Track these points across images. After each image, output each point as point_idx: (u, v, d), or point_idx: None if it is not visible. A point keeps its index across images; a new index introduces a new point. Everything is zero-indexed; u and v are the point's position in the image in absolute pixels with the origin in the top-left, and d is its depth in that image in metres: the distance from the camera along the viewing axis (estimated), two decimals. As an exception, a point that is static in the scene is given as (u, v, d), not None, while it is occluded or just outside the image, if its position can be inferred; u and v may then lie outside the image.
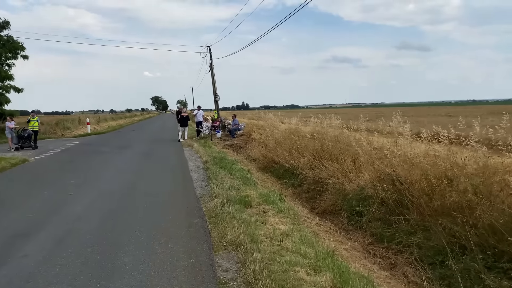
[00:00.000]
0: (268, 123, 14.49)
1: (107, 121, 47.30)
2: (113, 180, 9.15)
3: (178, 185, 8.63)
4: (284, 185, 10.10)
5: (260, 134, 17.79)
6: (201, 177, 9.55)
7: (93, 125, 37.90)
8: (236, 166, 10.94)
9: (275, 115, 15.50)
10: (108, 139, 22.44)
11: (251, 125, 20.18)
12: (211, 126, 20.08)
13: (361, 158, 7.61)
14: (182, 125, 19.29)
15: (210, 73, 27.96)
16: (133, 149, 16.17)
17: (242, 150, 17.70)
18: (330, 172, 8.50)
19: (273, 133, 12.60)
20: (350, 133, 9.52)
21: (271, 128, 13.49)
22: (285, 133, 11.71)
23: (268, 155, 12.17)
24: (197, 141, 18.71)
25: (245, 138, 19.30)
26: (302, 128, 11.41)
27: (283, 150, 11.16)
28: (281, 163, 11.15)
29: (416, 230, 5.49)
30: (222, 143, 18.99)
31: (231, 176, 9.36)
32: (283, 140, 11.55)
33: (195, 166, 11.34)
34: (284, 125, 13.79)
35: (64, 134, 28.15)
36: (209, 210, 6.37)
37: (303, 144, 10.21)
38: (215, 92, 28.04)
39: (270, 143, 12.64)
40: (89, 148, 17.26)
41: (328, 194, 7.99)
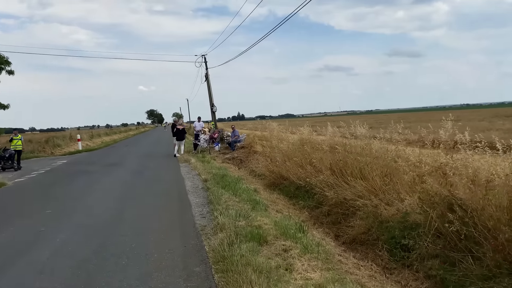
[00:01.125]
0: (273, 134, 13.08)
1: (101, 137, 45.85)
2: (95, 209, 7.69)
3: (174, 213, 7.17)
4: (297, 206, 8.68)
5: (263, 146, 16.41)
6: (201, 201, 8.11)
7: (86, 141, 36.48)
8: (240, 184, 9.51)
9: (280, 124, 14.06)
10: (99, 156, 20.96)
11: (252, 136, 18.77)
12: (209, 138, 18.66)
13: (402, 174, 6.20)
14: (178, 139, 17.85)
15: (206, 83, 26.69)
16: (124, 167, 14.71)
17: (244, 164, 16.27)
18: (357, 191, 7.09)
19: (279, 145, 11.19)
20: (378, 143, 8.14)
21: (276, 139, 12.08)
22: (294, 145, 10.31)
23: (276, 171, 10.75)
24: (194, 155, 17.27)
25: (246, 150, 17.88)
26: (316, 139, 10.01)
27: (294, 165, 9.75)
28: (292, 179, 9.73)
29: (496, 274, 4.07)
30: (222, 156, 17.56)
31: (236, 198, 7.93)
32: (293, 153, 10.14)
33: (193, 186, 9.91)
34: (292, 136, 12.41)
35: (54, 152, 26.66)
36: (213, 250, 4.93)
37: (318, 157, 8.80)
38: (212, 103, 26.72)
39: (277, 156, 11.23)
40: (76, 167, 15.77)
41: (357, 219, 6.56)
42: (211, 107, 26.68)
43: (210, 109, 26.78)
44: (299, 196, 9.09)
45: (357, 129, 8.00)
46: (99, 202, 8.40)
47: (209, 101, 26.89)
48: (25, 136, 46.88)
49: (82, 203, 8.34)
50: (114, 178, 12.02)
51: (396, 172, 6.54)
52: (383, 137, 8.73)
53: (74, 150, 27.04)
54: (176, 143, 17.94)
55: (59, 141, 30.03)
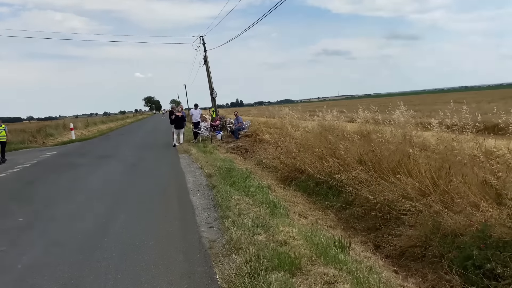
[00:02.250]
0: (285, 121, 11.62)
1: (96, 125, 44.31)
2: (76, 218, 6.28)
3: (174, 222, 5.77)
4: (318, 206, 7.31)
5: (270, 134, 14.98)
6: (207, 203, 6.72)
7: (81, 130, 35.00)
8: (250, 181, 8.11)
9: (293, 109, 12.58)
10: (92, 147, 19.50)
11: (257, 123, 17.33)
12: (210, 126, 17.19)
13: (466, 170, 4.80)
14: (177, 127, 16.37)
15: (205, 66, 25.03)
16: (117, 159, 13.27)
17: (250, 153, 14.85)
18: (400, 190, 5.70)
19: (294, 133, 9.76)
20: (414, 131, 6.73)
21: (290, 127, 10.63)
22: (313, 133, 8.88)
23: (290, 163, 9.34)
24: (195, 145, 15.82)
25: (251, 139, 16.45)
26: (342, 125, 8.57)
27: (313, 156, 8.33)
28: (310, 173, 8.34)
29: None
30: (225, 146, 16.13)
31: (249, 199, 6.52)
32: (311, 142, 8.72)
33: (195, 183, 8.50)
34: (306, 122, 10.97)
35: (46, 142, 25.20)
36: (228, 283, 3.55)
37: (344, 147, 7.38)
38: (212, 88, 25.13)
39: (290, 146, 9.81)
40: (65, 160, 14.34)
41: (406, 227, 5.20)
42: (211, 92, 25.11)
43: (210, 95, 25.21)
44: (320, 193, 7.72)
45: (395, 114, 6.53)
46: (82, 206, 6.98)
47: (208, 86, 25.31)
48: (20, 125, 45.36)
49: (62, 209, 6.93)
50: (105, 173, 10.59)
51: (457, 166, 5.12)
52: (419, 122, 7.33)
53: (67, 140, 25.57)
54: (175, 132, 16.47)
55: (52, 130, 28.54)
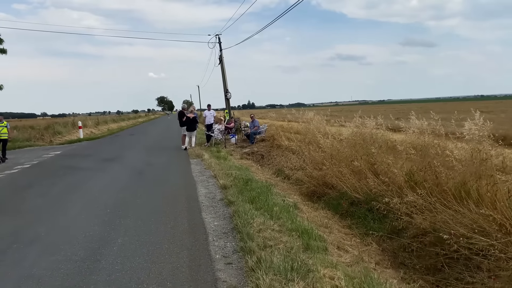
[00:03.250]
0: (310, 126, 10.39)
1: (107, 124, 43.66)
2: (62, 239, 5.14)
3: (182, 253, 4.57)
4: (354, 231, 6.07)
5: (290, 140, 13.76)
6: (222, 225, 5.53)
7: (90, 129, 34.31)
8: (273, 197, 6.92)
9: (318, 113, 11.33)
10: (99, 147, 18.50)
11: (274, 127, 16.12)
12: (224, 129, 16.03)
13: None
14: (188, 129, 15.24)
15: (220, 66, 23.95)
16: (123, 164, 12.18)
17: (266, 160, 13.65)
18: (471, 221, 4.44)
19: (321, 141, 8.51)
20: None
21: (316, 133, 9.38)
22: (348, 142, 7.63)
23: (316, 175, 8.10)
24: (207, 149, 14.68)
25: (268, 144, 15.24)
26: (386, 135, 7.30)
27: (347, 170, 7.09)
28: (343, 189, 7.11)
29: None
30: (239, 151, 14.96)
31: (274, 223, 5.32)
32: (345, 154, 7.47)
33: (208, 196, 7.33)
34: (334, 128, 9.74)
35: (53, 140, 24.37)
36: None
37: (390, 162, 6.13)
38: (226, 89, 24.03)
39: (317, 156, 8.58)
40: (67, 162, 13.30)
41: (485, 275, 3.95)
42: (225, 93, 24.01)
43: (224, 96, 24.12)
44: (356, 215, 6.46)
45: (467, 125, 5.27)
46: (74, 222, 5.85)
47: (223, 86, 24.21)
48: (32, 121, 44.78)
49: (51, 224, 5.81)
50: (107, 180, 9.48)
51: None
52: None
53: (75, 139, 24.73)
54: (186, 134, 15.34)
55: (60, 128, 27.77)
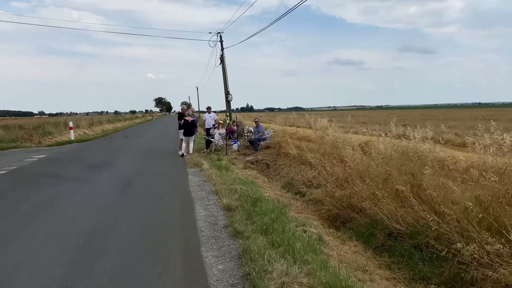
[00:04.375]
0: (325, 135, 8.98)
1: (102, 124, 42.09)
2: (13, 284, 3.72)
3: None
4: (397, 272, 4.66)
5: (299, 149, 12.36)
6: (229, 270, 4.11)
7: (84, 129, 32.79)
8: (291, 225, 5.51)
9: (331, 120, 9.96)
10: (88, 150, 17.03)
11: (281, 133, 14.72)
12: (225, 134, 14.61)
13: None
14: (186, 134, 13.82)
15: (221, 67, 22.58)
16: (111, 172, 10.73)
17: (273, 170, 12.26)
18: None
19: (352, 156, 7.08)
20: None
21: (334, 143, 7.98)
22: (385, 158, 6.22)
23: (340, 196, 6.69)
24: (206, 156, 13.25)
25: (274, 152, 13.85)
26: (434, 151, 5.87)
27: (384, 192, 5.68)
28: (376, 215, 5.71)
29: None
30: (242, 158, 13.54)
31: (300, 270, 3.92)
32: (379, 171, 6.07)
33: (209, 221, 5.91)
34: (357, 138, 8.35)
35: (42, 141, 22.83)
36: None
37: (446, 190, 4.73)
38: (227, 90, 22.64)
39: (338, 171, 7.16)
40: (49, 168, 11.85)
41: None
42: (226, 95, 22.63)
43: (225, 98, 22.73)
44: (397, 251, 5.05)
45: None
46: (30, 261, 4.39)
47: (223, 88, 22.84)
48: (27, 120, 43.15)
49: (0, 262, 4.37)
50: (88, 194, 8.02)
51: None
52: None
53: (65, 140, 23.23)
54: (184, 139, 13.92)
55: (51, 128, 26.22)
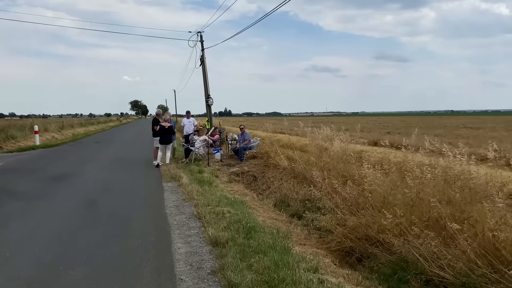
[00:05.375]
0: (333, 147, 7.68)
1: (73, 128, 39.72)
2: None
3: None
4: None
5: (291, 160, 11.07)
6: None
7: (52, 133, 30.61)
8: (300, 270, 4.16)
9: (333, 128, 8.68)
10: (52, 158, 15.21)
11: (269, 141, 13.40)
12: (206, 142, 13.15)
13: None
14: (163, 141, 12.30)
15: (201, 68, 21.09)
16: (73, 186, 9.12)
17: (260, 184, 10.95)
18: None
19: (373, 175, 5.75)
20: None
21: (343, 157, 6.69)
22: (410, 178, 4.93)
23: (354, 224, 5.39)
24: (185, 167, 11.76)
25: (261, 162, 12.50)
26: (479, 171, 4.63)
27: (420, 224, 4.41)
28: (406, 253, 4.45)
29: None
30: (226, 170, 12.12)
31: None
32: (408, 198, 4.79)
33: (192, 264, 4.48)
34: (372, 149, 7.10)
35: (3, 146, 20.76)
36: None
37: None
38: (208, 94, 21.16)
39: (351, 192, 5.86)
40: (1, 180, 10.11)
41: None
42: (206, 99, 21.15)
43: (205, 102, 21.25)
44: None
45: None
46: None
47: (204, 91, 21.35)
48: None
49: None
50: (36, 220, 6.41)
51: None
52: None
53: (30, 145, 21.21)
54: (160, 148, 12.39)
55: (15, 132, 24.07)
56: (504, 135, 23.72)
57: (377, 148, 11.96)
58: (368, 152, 7.61)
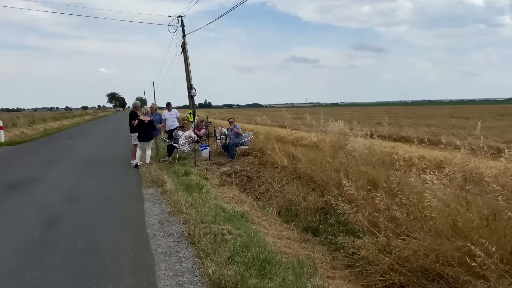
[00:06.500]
0: (353, 144, 6.27)
1: (45, 122, 37.22)
2: None
3: None
4: None
5: (292, 158, 9.68)
6: None
7: (22, 128, 28.35)
8: None
9: (344, 121, 7.30)
10: (15, 158, 13.33)
11: (262, 135, 11.95)
12: (191, 138, 11.58)
13: None
14: (142, 139, 10.68)
15: (183, 56, 19.35)
16: (32, 196, 7.46)
17: (257, 186, 9.54)
18: None
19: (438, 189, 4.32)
20: None
21: (361, 156, 5.29)
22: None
23: (408, 255, 3.99)
24: (169, 167, 10.20)
25: (255, 160, 11.03)
26: None
27: None
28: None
29: None
30: (216, 169, 10.61)
31: None
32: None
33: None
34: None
35: (-37, 143, 18.68)
36: None
37: None
38: (190, 84, 19.49)
39: (397, 209, 4.45)
40: None
41: None
42: (188, 89, 19.48)
43: (188, 93, 19.59)
44: None
45: None
46: None
47: (186, 81, 19.67)
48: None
49: None
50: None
51: None
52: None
53: (-7, 143, 19.14)
54: (139, 145, 10.77)
55: (-22, 128, 21.88)
56: (501, 126, 23.08)
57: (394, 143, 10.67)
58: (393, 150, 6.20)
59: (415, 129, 20.69)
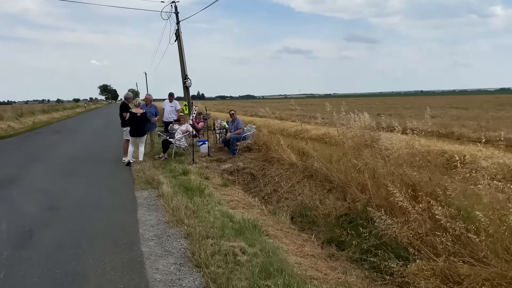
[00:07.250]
0: (385, 141, 5.35)
1: (34, 115, 35.93)
2: None
3: None
4: None
5: (302, 154, 8.75)
6: None
7: (9, 122, 27.16)
8: None
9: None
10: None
11: (267, 129, 10.98)
12: (188, 133, 10.58)
13: None
14: (134, 133, 9.67)
15: (177, 44, 18.20)
16: (4, 204, 6.45)
17: (263, 185, 8.59)
18: None
19: None
20: None
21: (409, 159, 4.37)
22: None
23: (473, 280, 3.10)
24: (165, 165, 9.21)
25: (259, 155, 10.09)
26: None
27: None
28: None
29: None
30: (216, 167, 9.64)
31: None
32: None
33: None
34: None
35: None
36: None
37: None
38: (185, 74, 18.37)
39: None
40: None
41: None
42: (183, 80, 18.36)
43: (182, 83, 18.48)
44: None
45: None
46: None
47: (180, 71, 18.56)
48: None
49: None
50: None
51: None
52: None
53: (-25, 138, 17.97)
54: (131, 141, 9.76)
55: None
56: (509, 116, 22.35)
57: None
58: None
59: (418, 120, 19.77)
